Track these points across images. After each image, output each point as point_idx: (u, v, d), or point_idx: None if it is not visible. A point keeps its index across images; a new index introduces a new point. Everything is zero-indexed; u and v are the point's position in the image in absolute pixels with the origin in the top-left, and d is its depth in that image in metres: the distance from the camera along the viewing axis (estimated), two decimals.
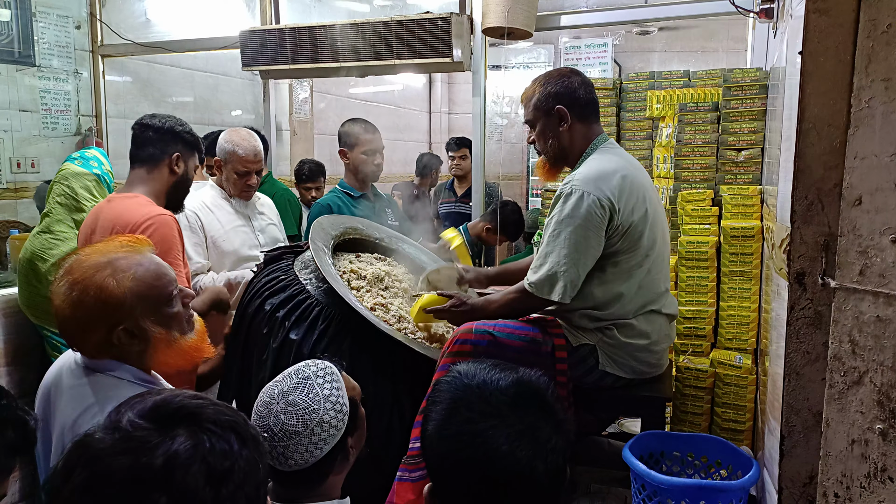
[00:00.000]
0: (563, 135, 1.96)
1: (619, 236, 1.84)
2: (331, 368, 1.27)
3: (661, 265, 1.97)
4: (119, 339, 1.29)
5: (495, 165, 4.39)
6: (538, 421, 0.90)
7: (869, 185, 1.34)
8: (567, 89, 1.93)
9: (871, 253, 1.35)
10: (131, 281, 1.29)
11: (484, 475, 0.87)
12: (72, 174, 2.56)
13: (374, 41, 3.20)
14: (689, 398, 2.45)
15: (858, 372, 1.38)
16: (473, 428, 0.88)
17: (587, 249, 1.81)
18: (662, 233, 1.99)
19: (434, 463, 0.93)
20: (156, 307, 1.33)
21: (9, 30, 3.53)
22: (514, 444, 0.87)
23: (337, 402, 1.22)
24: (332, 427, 1.20)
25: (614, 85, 3.09)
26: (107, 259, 1.30)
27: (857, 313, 1.37)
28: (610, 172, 1.84)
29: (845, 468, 1.41)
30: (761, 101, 2.59)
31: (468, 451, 0.88)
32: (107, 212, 2.03)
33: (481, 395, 0.91)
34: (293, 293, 2.01)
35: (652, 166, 2.95)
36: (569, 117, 1.94)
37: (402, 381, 1.96)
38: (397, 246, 2.52)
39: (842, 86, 1.37)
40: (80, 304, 1.26)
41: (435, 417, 0.92)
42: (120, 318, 1.28)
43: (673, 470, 1.97)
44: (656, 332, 1.96)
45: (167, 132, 2.13)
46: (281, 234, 2.87)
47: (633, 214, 1.84)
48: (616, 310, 1.90)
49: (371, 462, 1.85)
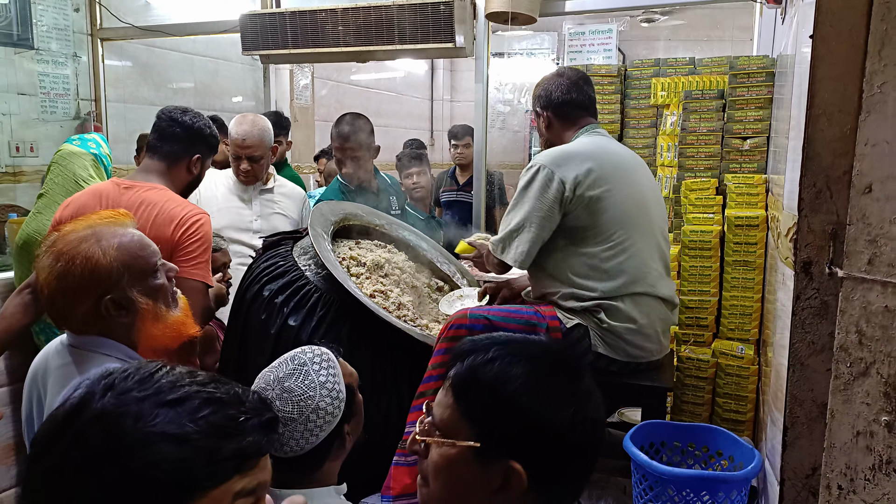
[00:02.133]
0: (547, 131, 2.18)
1: (576, 206, 1.92)
2: (327, 355, 1.25)
3: (645, 246, 1.97)
4: (107, 310, 1.28)
5: (497, 153, 4.36)
6: (591, 390, 0.92)
7: (880, 172, 1.32)
8: (545, 91, 2.13)
9: (880, 242, 1.33)
10: (116, 250, 1.28)
11: (573, 439, 0.87)
12: (69, 153, 2.55)
13: (375, 25, 3.16)
14: (691, 388, 2.44)
15: (865, 363, 1.36)
16: (570, 391, 0.89)
17: (541, 220, 1.92)
18: (645, 212, 2.01)
19: (537, 434, 0.87)
20: (142, 277, 1.32)
21: (7, 12, 3.49)
22: (573, 406, 0.87)
23: (333, 389, 1.20)
24: (328, 414, 1.18)
25: (619, 72, 3.05)
26: (91, 231, 1.30)
27: (865, 303, 1.35)
28: (572, 152, 1.98)
29: (850, 460, 1.40)
30: (768, 88, 2.55)
31: (579, 415, 0.87)
32: (134, 199, 1.94)
33: (564, 362, 0.93)
34: (292, 279, 1.99)
35: (656, 154, 2.92)
36: (545, 116, 2.15)
37: (400, 367, 1.95)
38: (397, 233, 2.50)
39: (854, 70, 1.34)
40: (67, 274, 1.25)
41: (536, 385, 0.88)
42: (107, 287, 1.27)
43: (673, 460, 1.96)
44: (646, 315, 1.96)
45: (196, 133, 2.08)
46: (290, 227, 2.78)
47: (593, 190, 1.91)
48: (594, 288, 1.92)
49: (369, 447, 1.85)
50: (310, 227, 2.06)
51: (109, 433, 0.66)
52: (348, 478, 1.38)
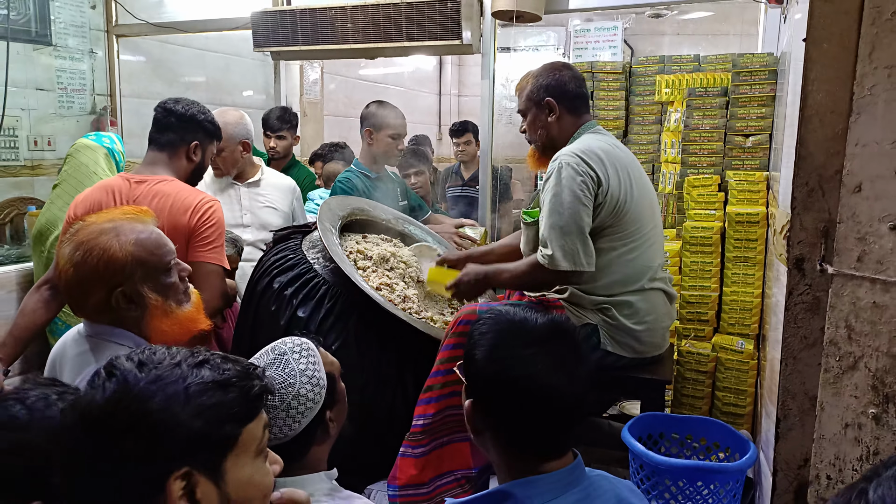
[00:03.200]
0: (552, 125, 2.05)
1: (605, 209, 1.90)
2: (307, 344, 1.28)
3: (653, 243, 2.01)
4: (117, 302, 1.34)
5: (504, 148, 4.39)
6: (568, 353, 1.09)
7: (869, 172, 1.35)
8: (558, 82, 2.03)
9: (869, 240, 1.37)
10: (133, 245, 1.34)
11: (526, 392, 1.06)
12: (83, 146, 2.63)
13: (384, 23, 3.20)
14: (690, 382, 2.48)
15: (854, 357, 1.40)
16: (519, 353, 1.07)
17: (583, 218, 1.87)
18: (651, 210, 2.03)
19: (481, 382, 1.11)
20: (154, 274, 1.38)
21: (26, 9, 3.57)
22: (550, 369, 1.06)
23: (313, 377, 1.23)
24: (308, 401, 1.21)
25: (624, 69, 3.08)
26: (112, 224, 1.36)
27: (855, 299, 1.39)
28: (593, 148, 1.93)
29: (838, 451, 1.44)
30: (770, 86, 2.58)
31: (514, 371, 1.06)
32: (147, 192, 1.99)
33: (523, 328, 1.10)
34: (301, 272, 2.05)
35: (660, 151, 2.95)
36: (557, 109, 2.03)
37: (406, 359, 2.00)
38: (403, 227, 2.55)
39: (845, 73, 1.37)
40: (83, 264, 1.32)
41: (484, 343, 1.10)
42: (120, 280, 1.33)
43: (671, 451, 2.00)
44: (656, 310, 1.99)
45: (189, 120, 2.10)
46: (280, 220, 2.78)
47: (618, 189, 1.90)
48: (611, 286, 1.94)
49: (375, 438, 1.90)
50: (318, 222, 2.12)
51: (165, 393, 0.79)
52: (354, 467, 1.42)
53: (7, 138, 3.49)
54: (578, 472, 1.12)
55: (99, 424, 0.78)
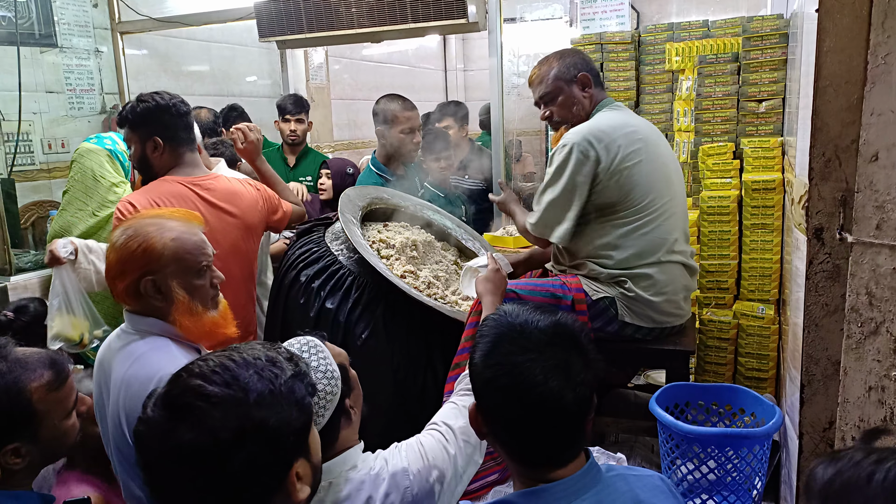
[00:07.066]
0: (584, 101, 2.12)
1: (611, 185, 1.96)
2: (314, 342, 1.30)
3: (671, 215, 2.03)
4: (146, 289, 1.42)
5: (515, 122, 4.38)
6: (570, 357, 1.04)
7: (885, 140, 1.37)
8: (584, 59, 2.14)
9: (887, 207, 1.39)
10: (172, 241, 1.43)
11: (520, 400, 1.03)
12: (85, 150, 2.65)
13: (388, 5, 3.19)
14: (713, 349, 2.51)
15: (875, 322, 1.43)
16: (513, 359, 1.04)
17: (579, 197, 1.97)
18: (667, 183, 2.05)
19: (478, 386, 1.09)
20: (186, 272, 1.45)
21: (29, 12, 3.58)
22: (547, 376, 1.02)
23: (328, 371, 1.25)
24: (328, 394, 1.23)
25: (633, 38, 3.06)
26: (161, 220, 1.47)
27: (874, 266, 1.42)
28: (602, 129, 1.99)
29: (863, 413, 1.48)
30: (781, 50, 2.56)
31: (507, 379, 1.04)
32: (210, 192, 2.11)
33: (522, 332, 1.07)
34: (326, 264, 2.09)
35: (672, 120, 2.95)
36: (591, 83, 2.11)
37: (434, 342, 2.06)
38: (422, 213, 2.58)
39: (858, 42, 1.38)
40: (125, 248, 1.41)
41: (481, 348, 1.09)
42: (152, 269, 1.41)
43: (698, 419, 2.05)
44: (672, 282, 2.03)
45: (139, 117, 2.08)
46: None
47: (626, 162, 1.95)
48: (627, 260, 1.99)
49: (407, 417, 1.96)
50: (339, 213, 2.16)
51: (268, 402, 0.91)
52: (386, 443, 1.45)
53: (22, 143, 3.54)
54: (590, 477, 1.06)
55: (225, 449, 0.87)
